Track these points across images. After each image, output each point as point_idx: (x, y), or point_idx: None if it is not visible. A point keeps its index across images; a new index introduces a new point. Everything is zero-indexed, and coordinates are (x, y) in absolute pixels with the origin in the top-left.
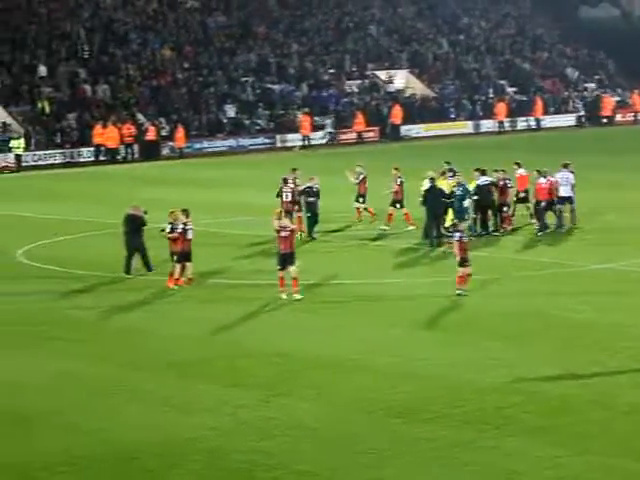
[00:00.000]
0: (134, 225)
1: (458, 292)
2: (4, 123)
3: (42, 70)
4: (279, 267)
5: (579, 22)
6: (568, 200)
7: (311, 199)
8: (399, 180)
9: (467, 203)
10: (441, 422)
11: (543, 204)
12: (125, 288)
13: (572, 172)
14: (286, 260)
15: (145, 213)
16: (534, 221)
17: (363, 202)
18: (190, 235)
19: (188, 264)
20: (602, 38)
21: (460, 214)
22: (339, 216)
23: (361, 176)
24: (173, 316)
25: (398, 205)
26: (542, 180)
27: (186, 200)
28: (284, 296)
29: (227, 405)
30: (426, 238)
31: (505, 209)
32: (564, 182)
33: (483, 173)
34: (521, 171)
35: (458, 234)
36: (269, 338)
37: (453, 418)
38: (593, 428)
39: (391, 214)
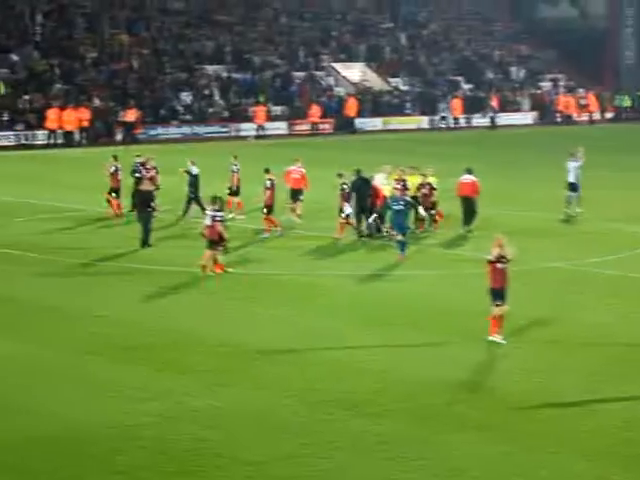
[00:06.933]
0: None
1: None
2: None
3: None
4: (496, 304)
5: (537, 21)
6: None
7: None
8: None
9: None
10: (389, 416)
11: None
12: (77, 272)
13: None
14: (500, 296)
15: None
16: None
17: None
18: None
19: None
20: (559, 37)
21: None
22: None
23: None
24: (125, 301)
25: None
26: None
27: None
28: (491, 338)
29: (174, 393)
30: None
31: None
32: None
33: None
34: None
35: None
36: (218, 328)
37: (401, 413)
38: (543, 426)
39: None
